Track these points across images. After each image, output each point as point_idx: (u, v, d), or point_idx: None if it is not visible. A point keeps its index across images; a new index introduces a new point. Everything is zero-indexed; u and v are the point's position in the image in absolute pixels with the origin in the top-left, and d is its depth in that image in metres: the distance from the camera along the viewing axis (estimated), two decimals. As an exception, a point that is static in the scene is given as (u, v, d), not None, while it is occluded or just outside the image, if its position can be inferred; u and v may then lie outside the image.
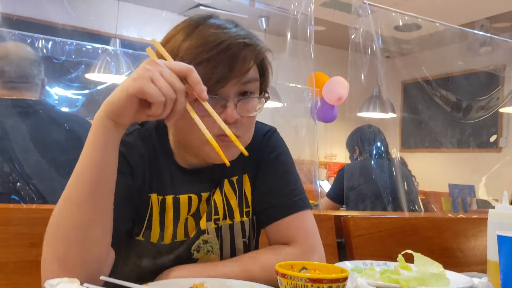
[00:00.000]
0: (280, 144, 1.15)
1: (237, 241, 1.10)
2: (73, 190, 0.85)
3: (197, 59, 0.91)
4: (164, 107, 0.79)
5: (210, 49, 0.92)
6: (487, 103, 4.26)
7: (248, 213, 1.12)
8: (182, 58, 0.92)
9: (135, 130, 1.06)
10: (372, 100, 4.61)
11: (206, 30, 0.96)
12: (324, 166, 5.89)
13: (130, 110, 0.82)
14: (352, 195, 3.17)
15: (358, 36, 2.73)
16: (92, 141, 0.85)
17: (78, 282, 0.81)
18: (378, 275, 0.96)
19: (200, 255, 1.07)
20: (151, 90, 0.78)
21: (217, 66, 0.92)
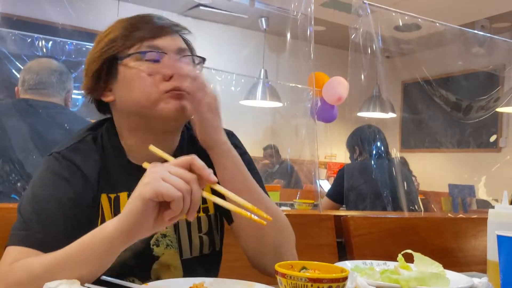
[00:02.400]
0: (239, 145, 1.17)
1: (193, 236, 1.11)
2: (65, 264, 0.86)
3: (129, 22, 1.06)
4: (184, 201, 0.79)
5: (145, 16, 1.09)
6: (487, 103, 4.27)
7: (206, 210, 1.13)
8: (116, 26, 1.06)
9: (88, 135, 1.08)
10: (372, 100, 4.61)
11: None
12: (324, 166, 5.89)
13: (149, 219, 0.81)
14: (352, 195, 3.16)
15: (358, 36, 2.74)
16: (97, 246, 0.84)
17: (78, 283, 0.81)
18: (378, 275, 0.96)
19: (159, 250, 1.07)
20: (166, 189, 0.77)
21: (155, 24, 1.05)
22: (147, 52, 1.01)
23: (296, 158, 4.78)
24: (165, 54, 1.02)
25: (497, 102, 4.19)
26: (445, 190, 4.97)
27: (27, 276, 0.86)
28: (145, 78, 1.00)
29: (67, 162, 1.01)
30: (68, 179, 1.00)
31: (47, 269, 0.86)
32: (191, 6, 5.58)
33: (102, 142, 1.07)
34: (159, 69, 1.00)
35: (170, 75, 0.99)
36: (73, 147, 1.04)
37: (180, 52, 1.05)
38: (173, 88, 0.99)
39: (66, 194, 0.98)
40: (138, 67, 1.01)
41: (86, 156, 1.03)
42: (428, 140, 6.63)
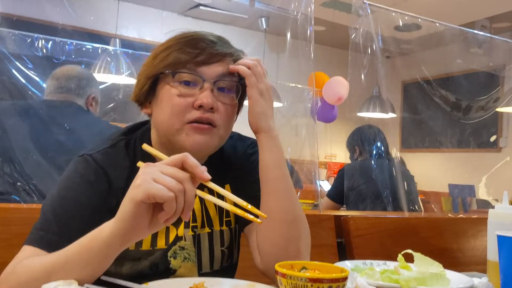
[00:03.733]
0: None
1: (216, 249, 1.10)
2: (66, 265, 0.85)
3: (185, 39, 1.01)
4: (176, 201, 0.78)
5: (194, 35, 1.03)
6: (487, 103, 4.26)
7: (229, 223, 1.13)
8: (169, 43, 1.02)
9: (121, 140, 1.07)
10: (372, 100, 4.61)
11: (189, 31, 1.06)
12: (324, 166, 5.89)
13: (143, 221, 0.80)
14: (352, 195, 3.16)
15: (358, 36, 2.73)
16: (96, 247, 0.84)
17: (76, 283, 0.81)
18: (378, 275, 0.96)
19: (177, 262, 1.06)
20: (157, 190, 0.76)
21: (198, 48, 1.00)
22: (177, 73, 0.99)
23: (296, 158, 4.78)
24: (201, 80, 0.99)
25: (497, 102, 4.19)
26: (445, 190, 4.96)
27: (27, 276, 0.87)
28: (174, 101, 0.99)
29: (96, 166, 1.01)
30: (93, 183, 0.99)
31: (46, 270, 0.86)
32: (191, 6, 5.57)
33: (134, 148, 1.06)
34: (190, 95, 0.99)
35: (199, 104, 0.98)
36: (104, 152, 1.04)
37: (220, 78, 1.01)
38: (197, 119, 0.98)
39: (89, 198, 0.98)
40: (170, 88, 1.00)
41: (116, 162, 1.03)
42: (428, 140, 6.63)
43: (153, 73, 1.01)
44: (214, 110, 0.99)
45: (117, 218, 0.81)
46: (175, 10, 5.75)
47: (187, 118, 0.98)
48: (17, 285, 0.87)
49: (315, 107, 3.67)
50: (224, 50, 1.03)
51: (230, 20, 5.93)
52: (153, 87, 1.03)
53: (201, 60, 0.99)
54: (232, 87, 1.04)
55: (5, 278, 0.90)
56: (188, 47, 1.00)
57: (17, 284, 0.87)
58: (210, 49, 1.00)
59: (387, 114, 4.49)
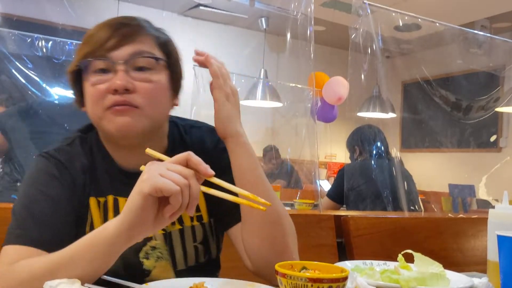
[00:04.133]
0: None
1: (188, 245, 1.09)
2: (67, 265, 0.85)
3: (96, 28, 1.00)
4: (182, 195, 0.79)
5: (107, 21, 1.01)
6: (487, 103, 4.27)
7: (200, 218, 1.12)
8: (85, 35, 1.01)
9: (76, 137, 1.08)
10: (372, 100, 4.61)
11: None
12: (324, 166, 5.89)
13: (149, 215, 0.81)
14: (352, 195, 3.16)
15: (358, 36, 2.73)
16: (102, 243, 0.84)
17: (79, 282, 0.81)
18: (378, 275, 0.96)
19: (150, 263, 1.06)
20: (164, 183, 0.78)
21: (106, 33, 0.98)
22: (88, 64, 0.98)
23: (296, 158, 4.78)
24: (112, 63, 0.97)
25: (497, 102, 4.19)
26: (445, 190, 4.96)
27: (29, 275, 0.86)
28: (91, 92, 0.99)
29: (55, 161, 1.02)
30: (57, 177, 1.00)
31: (49, 268, 0.85)
32: (191, 6, 5.57)
33: (90, 145, 1.07)
34: (104, 81, 0.97)
35: (113, 88, 0.96)
36: (60, 148, 1.05)
37: (133, 58, 0.98)
38: (113, 103, 0.96)
39: (56, 190, 0.99)
40: (87, 81, 1.00)
41: (73, 158, 1.04)
42: (428, 140, 6.62)
43: (70, 70, 1.02)
44: (132, 91, 0.97)
45: (123, 212, 0.82)
46: (175, 10, 5.75)
47: (105, 104, 0.97)
48: (18, 284, 0.87)
49: (315, 107, 3.67)
50: (136, 30, 1.00)
51: (230, 20, 5.93)
52: (80, 85, 1.03)
53: (111, 45, 0.97)
54: (152, 65, 1.00)
55: (1, 279, 0.89)
56: (97, 36, 0.99)
57: (18, 283, 0.87)
58: (120, 32, 0.99)
59: (387, 114, 4.49)
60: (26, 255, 0.91)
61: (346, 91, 3.92)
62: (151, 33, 1.03)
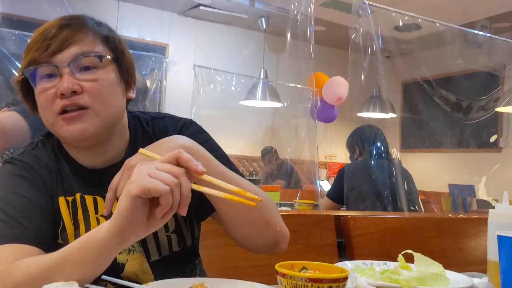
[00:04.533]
0: (200, 134, 1.12)
1: (160, 235, 1.08)
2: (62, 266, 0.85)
3: (37, 34, 0.98)
4: (172, 195, 0.78)
5: (46, 25, 0.99)
6: (487, 103, 4.26)
7: None
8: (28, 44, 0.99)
9: (39, 141, 1.08)
10: (372, 100, 4.61)
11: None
12: (324, 166, 5.89)
13: (140, 217, 0.79)
14: (352, 195, 3.16)
15: (358, 36, 2.73)
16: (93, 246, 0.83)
17: (76, 284, 0.81)
18: (378, 275, 0.96)
19: (123, 257, 1.05)
20: (153, 184, 0.76)
21: (47, 37, 0.97)
22: (33, 72, 0.97)
23: (296, 158, 4.78)
24: (56, 67, 0.96)
25: (497, 102, 4.19)
26: (445, 190, 4.96)
27: (25, 277, 0.86)
28: (40, 98, 0.98)
29: (23, 163, 1.02)
30: (27, 177, 1.01)
31: (44, 270, 0.85)
32: (191, 6, 5.57)
33: (53, 147, 1.08)
34: (51, 87, 0.97)
35: (60, 92, 0.95)
36: (25, 153, 1.05)
37: (75, 59, 0.97)
38: (63, 108, 0.96)
39: (30, 189, 0.99)
40: (36, 87, 0.99)
41: (39, 160, 1.04)
42: (428, 140, 6.62)
43: (17, 80, 1.02)
44: (79, 92, 0.96)
45: (114, 214, 0.81)
46: (175, 10, 5.75)
47: (55, 109, 0.96)
48: (14, 285, 0.86)
49: (315, 107, 3.67)
50: (77, 31, 0.99)
51: (230, 20, 5.93)
52: (31, 92, 1.02)
53: (53, 50, 0.96)
54: (97, 63, 0.99)
55: None
56: (39, 42, 0.97)
57: (14, 285, 0.86)
58: (60, 36, 0.97)
59: (387, 114, 4.49)
60: (20, 252, 0.91)
61: (346, 91, 3.93)
62: (92, 30, 1.01)
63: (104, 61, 1.00)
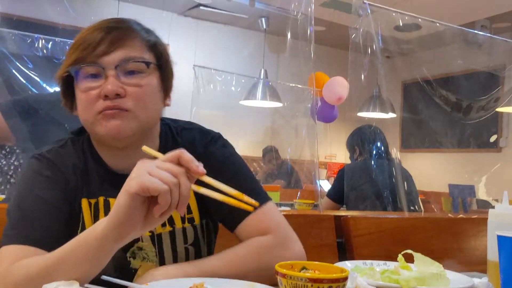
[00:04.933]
0: (225, 148, 1.14)
1: (179, 247, 1.09)
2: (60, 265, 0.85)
3: (86, 32, 1.00)
4: (171, 194, 0.78)
5: (96, 25, 1.01)
6: (487, 103, 4.26)
7: (192, 220, 1.11)
8: (75, 39, 1.00)
9: (68, 139, 1.09)
10: (372, 100, 4.61)
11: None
12: (324, 166, 5.89)
13: (137, 215, 0.79)
14: (352, 195, 3.16)
15: (358, 36, 2.73)
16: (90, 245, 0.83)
17: (77, 284, 0.81)
18: (378, 275, 0.96)
19: (136, 262, 1.07)
20: (152, 182, 0.76)
21: (95, 38, 0.98)
22: (79, 70, 0.99)
23: (296, 158, 4.78)
24: (102, 69, 0.98)
25: (497, 102, 4.19)
26: (445, 190, 4.96)
27: (25, 276, 0.87)
28: (83, 97, 0.99)
29: (48, 162, 1.03)
30: (50, 177, 1.01)
31: (43, 270, 0.86)
32: (191, 6, 5.57)
33: (82, 147, 1.08)
34: (95, 87, 0.98)
35: (104, 93, 0.97)
36: (52, 150, 1.06)
37: (123, 63, 0.99)
38: (105, 108, 0.97)
39: (49, 190, 1.00)
40: (79, 86, 1.00)
41: (65, 159, 1.05)
42: (428, 140, 6.62)
43: (60, 75, 1.02)
44: (123, 96, 0.98)
45: (112, 211, 0.81)
46: (175, 10, 5.75)
47: (96, 109, 0.98)
48: (14, 285, 0.87)
49: (315, 107, 3.68)
50: (126, 34, 1.00)
51: (230, 20, 5.93)
52: (71, 89, 1.03)
53: (101, 51, 0.98)
54: (143, 69, 1.01)
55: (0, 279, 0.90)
56: (87, 41, 0.98)
57: (14, 284, 0.87)
58: (110, 37, 0.98)
59: (387, 114, 4.49)
60: (23, 254, 0.91)
61: (346, 91, 3.93)
62: (141, 36, 1.03)
63: (150, 67, 1.02)
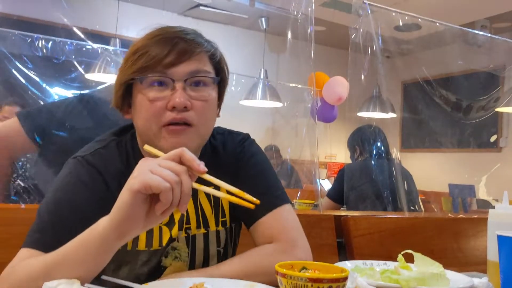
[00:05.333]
0: (253, 148, 1.17)
1: (211, 250, 1.11)
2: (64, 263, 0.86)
3: (152, 40, 0.99)
4: (173, 192, 0.78)
5: (162, 33, 1.01)
6: (487, 103, 4.26)
7: (225, 223, 1.13)
8: (138, 44, 1.00)
9: (112, 140, 1.07)
10: (372, 100, 4.60)
11: (161, 27, 1.05)
12: (324, 166, 5.89)
13: (139, 212, 0.80)
14: (352, 195, 3.16)
15: (358, 36, 2.73)
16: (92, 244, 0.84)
17: (78, 283, 0.81)
18: (378, 275, 0.96)
19: (168, 261, 1.07)
20: (154, 180, 0.77)
21: (163, 47, 0.98)
22: (146, 78, 0.98)
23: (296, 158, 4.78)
24: (171, 80, 0.98)
25: (497, 102, 4.19)
26: (445, 190, 4.96)
27: (27, 275, 0.87)
28: (148, 106, 0.99)
29: (90, 168, 1.01)
30: (89, 185, 1.00)
31: (45, 268, 0.86)
32: (191, 6, 5.57)
33: (126, 148, 1.07)
34: (162, 98, 0.98)
35: (172, 105, 0.97)
36: (96, 152, 1.04)
37: (191, 76, 1.00)
38: (172, 121, 0.98)
39: (85, 200, 0.98)
40: (142, 94, 0.99)
41: (109, 162, 1.03)
42: (428, 140, 6.62)
43: (124, 80, 1.01)
44: (189, 109, 0.98)
45: (114, 209, 0.81)
46: (175, 10, 5.75)
47: (162, 121, 0.98)
48: (18, 284, 0.87)
49: (315, 107, 3.67)
50: (194, 47, 1.00)
51: (230, 20, 5.93)
52: (129, 92, 1.03)
53: (170, 61, 0.98)
54: (207, 82, 1.02)
55: (4, 278, 0.90)
56: (156, 48, 0.98)
57: (18, 283, 0.87)
58: (178, 48, 0.99)
59: (387, 114, 4.49)
60: (29, 256, 0.91)
61: (346, 91, 3.92)
62: (206, 48, 1.04)
63: (214, 81, 1.04)
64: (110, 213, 0.82)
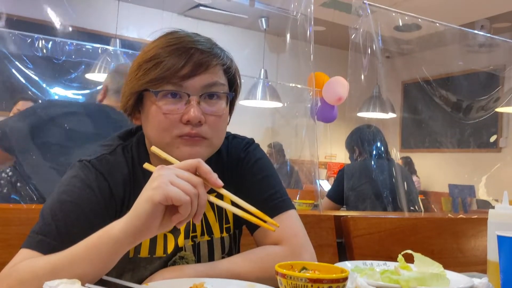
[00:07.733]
0: (258, 153, 1.16)
1: (216, 256, 1.11)
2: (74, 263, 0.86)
3: (167, 49, 0.96)
4: (191, 205, 0.80)
5: (178, 43, 0.98)
6: (487, 103, 4.26)
7: (229, 229, 1.13)
8: (153, 51, 0.97)
9: (118, 145, 1.06)
10: (372, 100, 4.61)
11: (176, 33, 1.02)
12: (324, 166, 5.89)
13: (155, 221, 0.81)
14: (352, 195, 3.16)
15: (358, 36, 2.73)
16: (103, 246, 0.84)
17: (79, 283, 0.81)
18: (378, 275, 0.96)
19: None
20: (175, 193, 0.78)
21: (178, 58, 0.96)
22: (160, 91, 0.96)
23: (296, 158, 4.78)
24: (187, 94, 0.97)
25: (497, 102, 4.19)
26: (445, 190, 4.97)
27: (31, 275, 0.86)
28: (162, 119, 0.97)
29: (96, 171, 1.00)
30: (94, 189, 0.99)
31: (51, 268, 0.86)
32: (191, 6, 5.58)
33: (131, 154, 1.06)
34: (176, 110, 0.97)
35: (187, 119, 0.96)
36: (102, 158, 1.03)
37: (207, 91, 0.99)
38: (186, 134, 0.97)
39: (90, 204, 0.97)
40: (156, 105, 0.98)
41: (114, 169, 1.02)
42: (428, 140, 6.62)
43: (136, 89, 0.99)
44: (203, 123, 0.98)
45: (131, 216, 0.82)
46: (175, 10, 5.75)
47: (176, 133, 0.97)
48: (19, 283, 0.87)
49: (315, 107, 3.67)
50: (210, 59, 0.99)
51: (230, 20, 5.94)
52: (140, 99, 1.02)
53: (186, 73, 0.96)
54: (221, 95, 1.02)
55: (4, 278, 0.89)
56: (171, 59, 0.96)
57: (19, 283, 0.87)
58: (194, 59, 0.97)
59: (387, 114, 4.49)
60: (29, 257, 0.91)
61: (346, 91, 3.92)
62: (220, 59, 1.02)
63: (228, 96, 1.03)
64: (125, 219, 0.83)
